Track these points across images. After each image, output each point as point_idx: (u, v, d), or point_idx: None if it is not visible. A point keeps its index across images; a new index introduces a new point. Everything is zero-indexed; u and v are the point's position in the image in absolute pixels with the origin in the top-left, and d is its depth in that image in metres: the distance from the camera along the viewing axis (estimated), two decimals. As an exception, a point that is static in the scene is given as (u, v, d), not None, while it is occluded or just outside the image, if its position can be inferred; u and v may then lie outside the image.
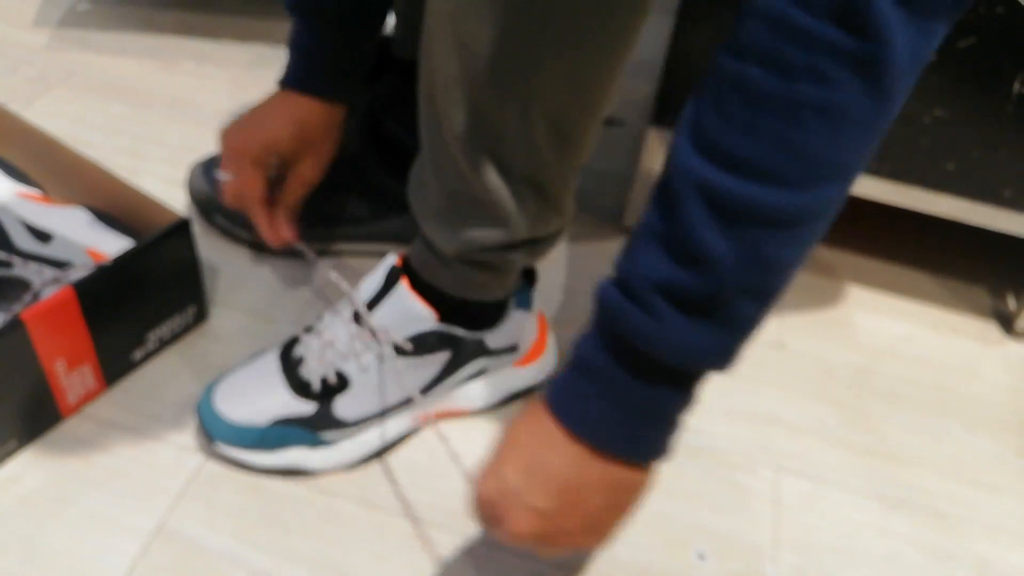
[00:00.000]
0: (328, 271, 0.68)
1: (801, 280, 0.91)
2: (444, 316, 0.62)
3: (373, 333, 0.62)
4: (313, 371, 0.63)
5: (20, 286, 0.67)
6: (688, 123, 0.39)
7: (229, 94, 1.04)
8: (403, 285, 0.61)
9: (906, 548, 0.67)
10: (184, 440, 0.66)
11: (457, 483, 0.66)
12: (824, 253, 0.95)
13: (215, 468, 0.65)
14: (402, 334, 0.61)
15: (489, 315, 0.65)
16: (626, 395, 0.42)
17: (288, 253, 0.83)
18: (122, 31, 1.12)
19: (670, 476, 0.69)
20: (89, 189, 0.74)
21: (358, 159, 0.79)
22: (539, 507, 0.43)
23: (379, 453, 0.67)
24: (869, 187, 0.82)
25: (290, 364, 0.64)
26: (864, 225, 0.99)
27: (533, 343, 0.71)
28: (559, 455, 0.43)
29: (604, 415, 0.42)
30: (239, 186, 0.67)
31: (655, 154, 0.87)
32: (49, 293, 0.63)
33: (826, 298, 0.89)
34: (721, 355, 0.41)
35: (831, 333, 0.85)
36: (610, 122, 0.81)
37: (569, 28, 0.46)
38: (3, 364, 0.59)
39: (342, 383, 0.63)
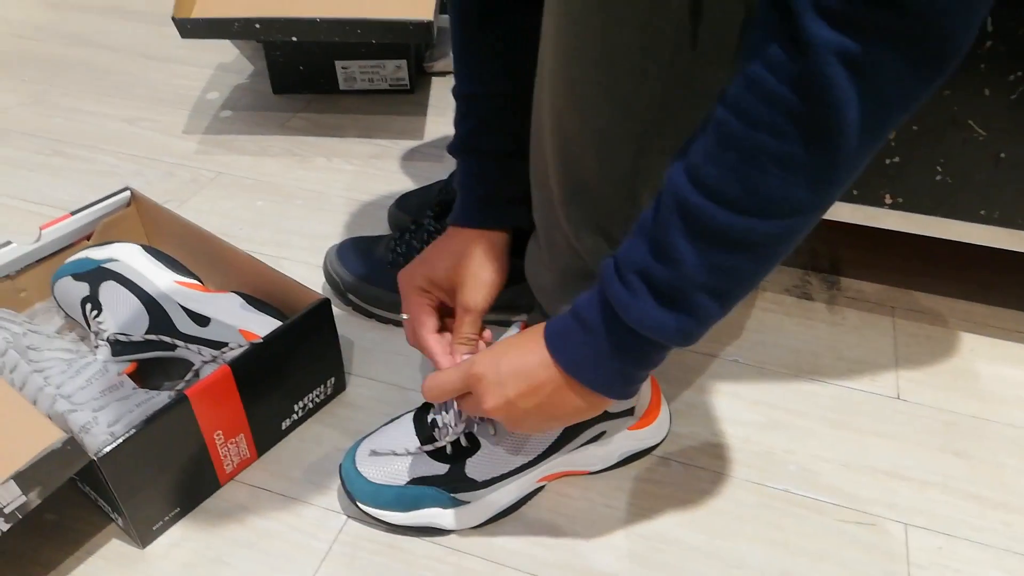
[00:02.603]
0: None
1: (914, 330, 0.86)
2: None
3: None
4: (445, 435, 0.64)
5: (183, 366, 0.71)
6: (684, 148, 0.44)
7: (356, 185, 1.09)
8: None
9: (1054, 607, 0.61)
10: (328, 502, 0.68)
11: (578, 542, 0.65)
12: (935, 302, 0.90)
13: (356, 528, 0.66)
14: None
15: None
16: (603, 345, 0.48)
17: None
18: (261, 133, 1.20)
19: (794, 534, 0.66)
20: (239, 276, 0.78)
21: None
22: (510, 396, 0.52)
23: (507, 512, 0.67)
24: (980, 234, 0.78)
25: (424, 428, 0.66)
26: (975, 272, 0.94)
27: (648, 406, 0.70)
28: (542, 371, 0.51)
29: (584, 355, 0.50)
30: (409, 322, 0.67)
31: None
32: (208, 371, 0.67)
33: (942, 348, 0.84)
34: (680, 334, 0.46)
35: (950, 383, 0.80)
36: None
37: (671, 121, 0.48)
38: (171, 436, 0.62)
39: (473, 445, 0.64)
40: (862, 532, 0.66)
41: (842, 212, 0.82)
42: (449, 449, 0.64)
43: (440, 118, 1.25)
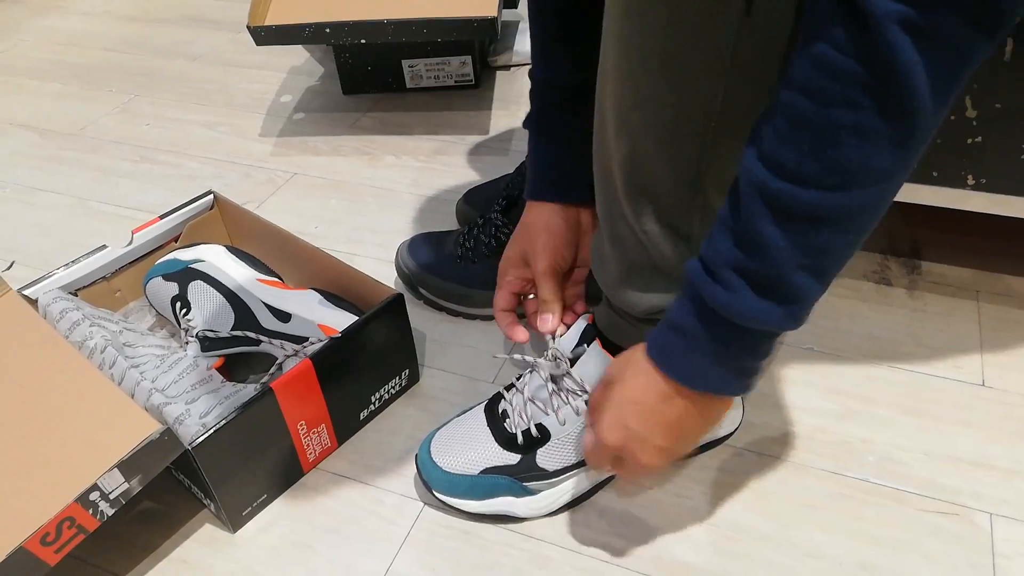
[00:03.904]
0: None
1: (1000, 314, 0.83)
2: None
3: (570, 390, 0.64)
4: (517, 425, 0.65)
5: (267, 360, 0.75)
6: (754, 137, 0.44)
7: (424, 181, 1.11)
8: (597, 344, 0.63)
9: None
10: (405, 489, 0.70)
11: (652, 530, 0.66)
12: (1021, 283, 0.86)
13: (432, 515, 0.68)
14: (594, 388, 0.62)
15: None
16: (709, 348, 0.49)
17: (484, 318, 0.87)
18: (333, 134, 1.24)
19: (873, 524, 0.65)
20: (317, 273, 0.81)
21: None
22: (660, 444, 0.53)
23: (578, 500, 0.68)
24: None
25: (495, 419, 0.67)
26: (1065, 254, 0.90)
27: None
28: (667, 403, 0.52)
29: (695, 363, 0.50)
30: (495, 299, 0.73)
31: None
32: (291, 365, 0.70)
33: (1029, 333, 0.81)
34: (787, 319, 0.46)
35: (1038, 369, 0.77)
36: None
37: (732, 117, 0.48)
38: (258, 426, 0.65)
39: (543, 436, 0.65)
40: (946, 522, 0.65)
41: (923, 194, 0.79)
42: (520, 439, 0.65)
43: (504, 111, 1.26)
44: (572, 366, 0.65)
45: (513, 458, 0.65)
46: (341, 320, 0.74)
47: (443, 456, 0.67)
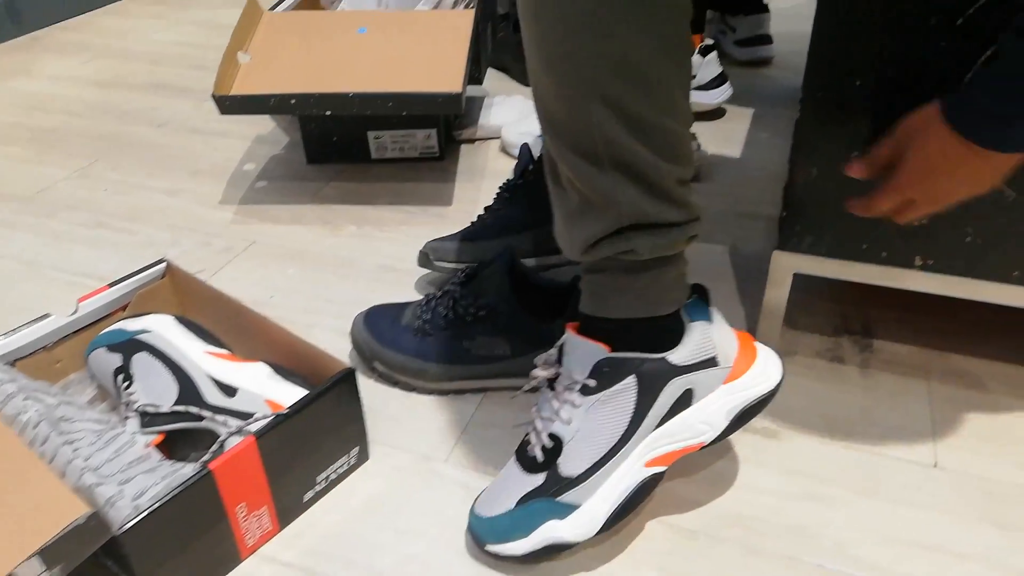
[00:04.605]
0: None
1: (951, 394, 0.84)
2: (616, 348, 0.63)
3: (563, 386, 0.65)
4: (534, 446, 0.66)
5: (209, 436, 0.72)
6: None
7: (385, 251, 1.11)
8: (569, 332, 0.65)
9: None
10: (351, 574, 0.67)
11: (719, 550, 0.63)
12: (973, 365, 0.87)
13: (377, 604, 0.65)
14: (580, 374, 0.63)
15: (659, 335, 0.65)
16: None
17: (440, 392, 0.85)
18: (294, 203, 1.23)
19: (828, 610, 0.63)
20: (268, 345, 0.80)
21: (499, 306, 0.81)
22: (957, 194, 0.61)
23: (625, 506, 0.65)
24: (1014, 296, 0.76)
25: (523, 453, 0.68)
26: (1013, 333, 0.91)
27: (736, 355, 0.67)
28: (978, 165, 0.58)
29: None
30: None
31: (781, 279, 0.84)
32: (234, 442, 0.67)
33: (980, 412, 0.82)
34: None
35: (989, 449, 0.77)
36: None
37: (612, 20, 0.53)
38: (194, 510, 0.62)
39: (557, 444, 0.65)
40: (901, 610, 0.64)
41: (872, 274, 0.81)
42: (540, 457, 0.65)
43: (468, 184, 1.27)
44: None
45: (539, 478, 0.65)
46: (290, 395, 0.72)
47: (485, 508, 0.67)
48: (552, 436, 0.65)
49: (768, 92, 1.57)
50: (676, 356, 0.64)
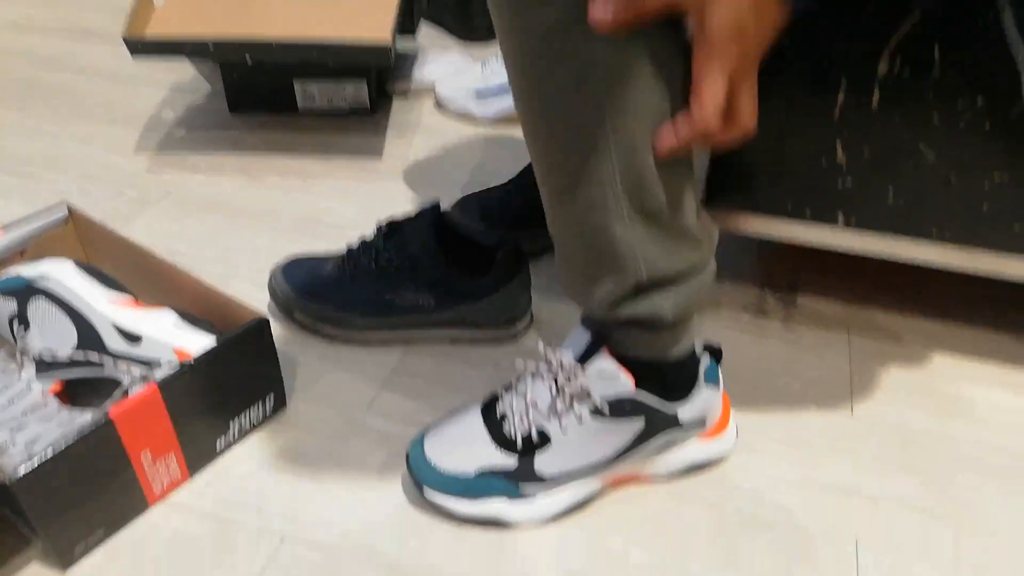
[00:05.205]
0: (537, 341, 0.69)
1: (870, 348, 0.85)
2: (639, 384, 0.62)
3: (575, 396, 0.63)
4: (517, 428, 0.64)
5: (112, 385, 0.69)
6: None
7: (308, 204, 1.07)
8: (604, 351, 0.62)
9: (1006, 626, 0.59)
10: (262, 523, 0.65)
11: (526, 559, 0.63)
12: (892, 321, 0.89)
13: (292, 550, 0.63)
14: (600, 398, 0.62)
15: (680, 385, 0.65)
16: None
17: (362, 343, 0.83)
18: (215, 152, 1.18)
19: (744, 552, 0.64)
20: (178, 294, 0.76)
21: (423, 258, 0.79)
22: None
23: (572, 508, 0.66)
24: (932, 254, 0.78)
25: (493, 420, 0.66)
26: (932, 290, 0.93)
27: (718, 419, 0.69)
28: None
29: None
30: None
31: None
32: (137, 390, 0.64)
33: (897, 366, 0.83)
34: None
35: (904, 400, 0.79)
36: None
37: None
38: (94, 457, 0.59)
39: (543, 441, 0.64)
40: (814, 551, 0.65)
41: (795, 232, 0.81)
42: (520, 443, 0.64)
43: (400, 139, 1.24)
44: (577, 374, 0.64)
45: (511, 461, 0.64)
46: (198, 343, 0.69)
47: (437, 455, 0.65)
48: (541, 432, 0.64)
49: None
50: (684, 413, 0.65)
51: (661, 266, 0.57)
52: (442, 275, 0.80)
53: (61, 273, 0.73)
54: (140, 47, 1.06)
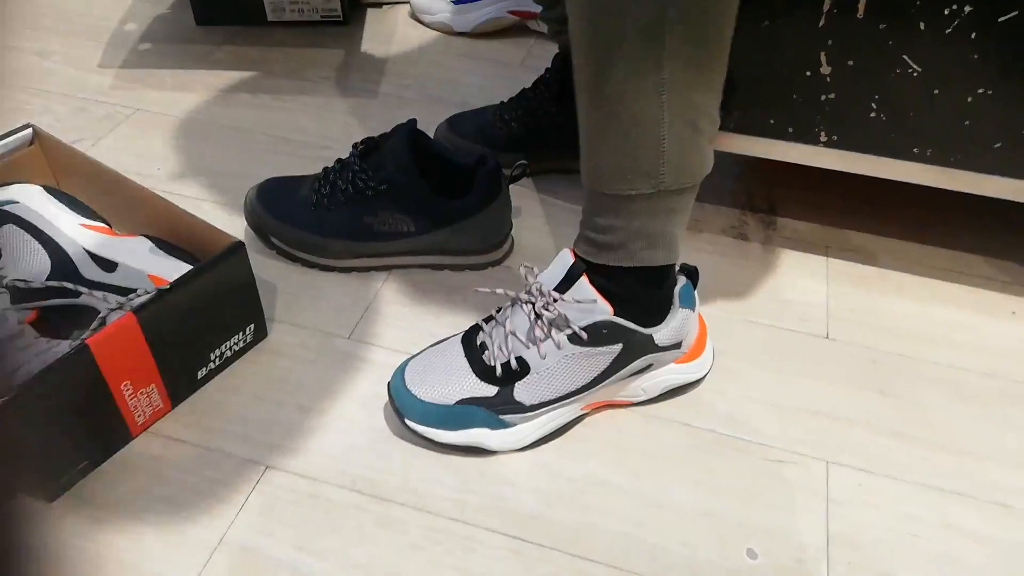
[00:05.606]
0: (520, 266, 0.69)
1: (846, 269, 0.86)
2: (617, 311, 0.63)
3: (553, 323, 0.63)
4: (496, 357, 0.65)
5: (90, 314, 0.68)
6: None
7: (281, 122, 1.04)
8: (584, 279, 0.62)
9: (969, 543, 0.62)
10: (247, 452, 0.66)
11: (507, 482, 0.65)
12: (869, 241, 0.90)
13: (276, 478, 0.64)
14: (579, 324, 0.62)
15: (657, 309, 0.66)
16: None
17: (342, 270, 0.82)
18: (182, 67, 1.14)
19: (719, 473, 0.66)
20: (151, 219, 0.74)
21: (401, 181, 0.78)
22: None
23: (551, 435, 0.68)
24: (913, 172, 0.77)
25: (473, 350, 0.66)
26: (909, 211, 0.94)
27: (694, 342, 0.70)
28: None
29: None
30: None
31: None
32: (114, 319, 0.63)
33: (872, 287, 0.85)
34: None
35: (877, 322, 0.81)
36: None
37: None
38: (72, 387, 0.59)
39: (523, 369, 0.64)
40: (785, 471, 0.67)
41: (777, 150, 0.80)
42: (499, 371, 0.64)
43: (374, 52, 1.20)
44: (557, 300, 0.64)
45: (490, 390, 0.65)
46: (174, 270, 0.68)
47: (418, 385, 0.65)
48: (520, 360, 0.65)
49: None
50: (659, 336, 0.66)
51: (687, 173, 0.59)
52: (421, 197, 0.79)
53: (30, 199, 0.71)
54: (96, -47, 1.00)
